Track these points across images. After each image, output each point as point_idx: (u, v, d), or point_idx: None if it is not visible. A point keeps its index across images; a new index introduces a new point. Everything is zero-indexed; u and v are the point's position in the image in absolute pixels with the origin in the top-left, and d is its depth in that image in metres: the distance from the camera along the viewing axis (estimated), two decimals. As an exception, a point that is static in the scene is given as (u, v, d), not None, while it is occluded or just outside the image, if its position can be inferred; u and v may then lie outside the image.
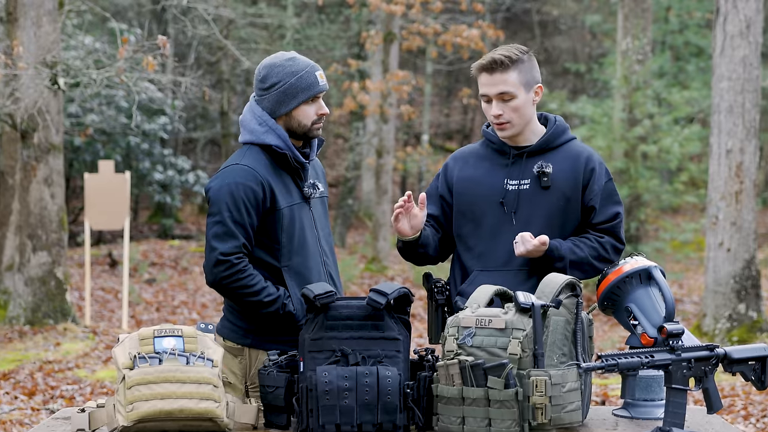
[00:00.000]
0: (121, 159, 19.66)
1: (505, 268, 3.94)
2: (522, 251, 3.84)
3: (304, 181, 4.07)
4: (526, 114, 3.99)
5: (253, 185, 3.92)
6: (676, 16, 23.65)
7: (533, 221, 3.94)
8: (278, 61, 4.02)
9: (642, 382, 3.76)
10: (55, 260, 11.68)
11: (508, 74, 3.92)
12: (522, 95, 3.95)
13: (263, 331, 3.99)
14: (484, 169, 4.04)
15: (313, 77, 4.00)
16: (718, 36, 10.82)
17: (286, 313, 3.93)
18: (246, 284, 3.89)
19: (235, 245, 3.88)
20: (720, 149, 10.81)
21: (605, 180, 4.02)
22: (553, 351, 3.43)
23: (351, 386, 3.48)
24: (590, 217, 3.99)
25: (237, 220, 3.90)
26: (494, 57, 3.94)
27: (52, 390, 8.97)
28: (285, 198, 3.99)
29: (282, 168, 4.02)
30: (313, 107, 4.03)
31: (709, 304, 10.86)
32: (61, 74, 10.79)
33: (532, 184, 3.97)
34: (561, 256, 3.88)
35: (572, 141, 4.07)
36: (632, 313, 3.68)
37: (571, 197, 3.97)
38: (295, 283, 3.97)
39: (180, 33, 22.42)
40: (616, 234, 4.01)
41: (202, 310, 14.38)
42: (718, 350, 3.59)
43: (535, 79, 3.99)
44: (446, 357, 3.46)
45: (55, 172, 11.67)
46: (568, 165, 3.99)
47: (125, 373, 3.41)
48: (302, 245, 4.01)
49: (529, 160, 4.00)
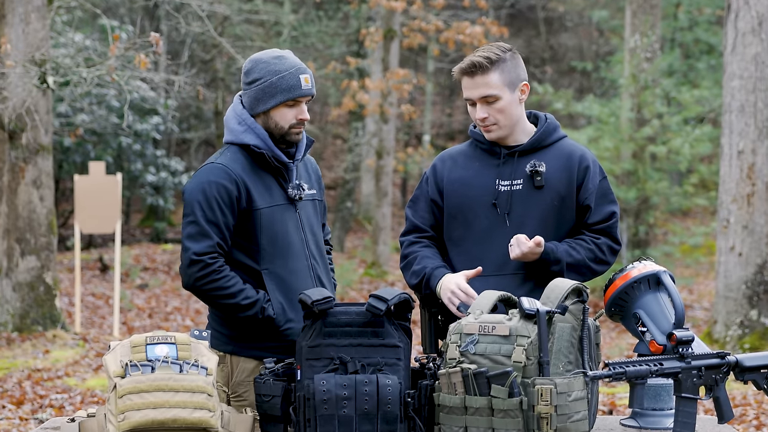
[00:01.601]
0: (112, 160, 19.67)
1: (500, 273, 3.93)
2: (518, 254, 3.84)
3: (288, 181, 4.04)
4: (513, 114, 3.98)
5: (225, 183, 3.91)
6: (685, 13, 23.66)
7: (527, 222, 3.94)
8: (265, 57, 4.02)
9: (651, 390, 3.76)
10: (44, 265, 11.69)
11: (488, 76, 3.91)
12: (506, 96, 3.94)
13: (244, 337, 3.97)
14: (474, 170, 4.03)
15: (295, 79, 3.97)
16: (730, 33, 10.83)
17: (266, 318, 3.91)
18: (221, 286, 3.87)
19: (209, 245, 3.87)
20: (731, 150, 10.81)
21: (600, 178, 4.02)
22: (558, 359, 3.43)
23: (350, 395, 3.48)
24: (585, 217, 3.99)
25: (210, 219, 3.89)
26: (473, 60, 3.92)
27: (41, 399, 8.96)
28: (264, 198, 3.97)
29: (262, 168, 4.01)
30: (293, 111, 4.00)
31: (720, 311, 10.86)
32: (50, 73, 10.79)
33: (525, 184, 3.96)
34: (557, 259, 3.88)
35: (564, 139, 4.08)
36: (640, 319, 3.68)
37: (566, 196, 3.97)
38: (275, 287, 3.95)
39: (173, 30, 22.41)
40: (612, 234, 4.01)
41: (196, 317, 14.38)
42: (729, 358, 3.59)
43: (519, 77, 3.98)
44: (448, 365, 3.46)
45: (44, 174, 11.68)
46: (562, 163, 3.99)
47: (116, 381, 3.41)
48: (285, 248, 3.99)
49: (520, 160, 3.99)
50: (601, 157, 15.16)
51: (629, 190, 15.29)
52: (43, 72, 10.69)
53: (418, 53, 26.87)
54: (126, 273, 17.39)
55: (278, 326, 3.92)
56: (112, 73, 10.89)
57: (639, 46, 15.97)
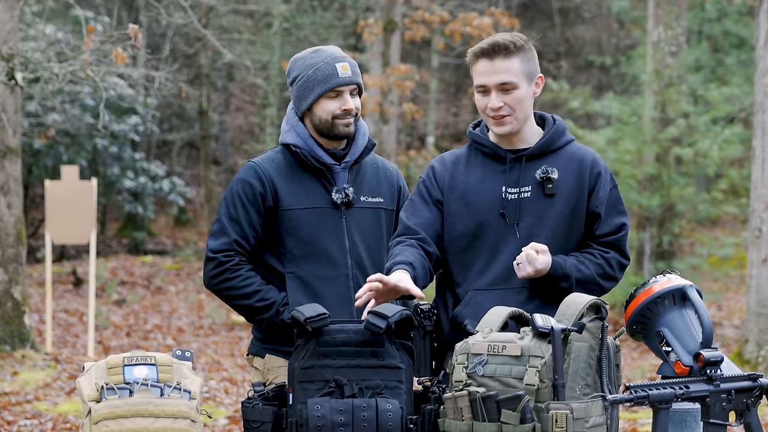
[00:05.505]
0: (86, 164, 19.68)
1: (505, 287, 3.92)
2: (530, 273, 3.82)
3: (333, 184, 4.15)
4: (527, 108, 3.99)
5: (251, 180, 4.11)
6: (714, 3, 23.69)
7: (538, 233, 3.94)
8: (303, 54, 4.21)
9: (676, 416, 3.76)
10: (11, 278, 11.68)
11: (511, 61, 3.92)
12: (524, 86, 3.95)
13: (269, 339, 4.14)
14: (478, 177, 4.02)
15: (331, 68, 4.12)
16: (762, 25, 10.83)
17: (282, 322, 4.02)
18: (235, 285, 4.04)
19: (225, 242, 4.06)
20: (764, 153, 10.82)
21: (611, 186, 4.04)
22: (575, 381, 3.43)
23: (346, 421, 3.48)
24: (594, 227, 4.00)
25: (232, 217, 4.10)
26: (497, 40, 3.92)
27: (9, 426, 8.96)
28: (298, 200, 4.10)
29: (305, 169, 4.15)
30: (336, 102, 4.14)
31: (751, 329, 10.86)
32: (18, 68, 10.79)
33: (534, 191, 3.96)
34: (566, 275, 3.88)
35: (572, 143, 4.09)
36: (665, 338, 3.68)
37: (576, 205, 3.98)
38: (299, 292, 4.06)
39: (153, 21, 22.44)
40: (621, 248, 4.02)
41: (178, 335, 14.37)
42: (761, 380, 3.59)
43: (537, 69, 4.01)
44: (454, 388, 3.46)
45: (12, 179, 11.67)
46: (573, 169, 4.00)
47: (91, 406, 3.41)
48: (316, 253, 4.09)
49: (528, 165, 3.99)
50: (621, 160, 15.17)
51: (652, 196, 15.29)
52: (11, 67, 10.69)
53: (421, 47, 26.91)
54: (102, 287, 17.39)
55: None
56: (86, 69, 10.89)
57: (663, 39, 15.99)
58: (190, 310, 16.38)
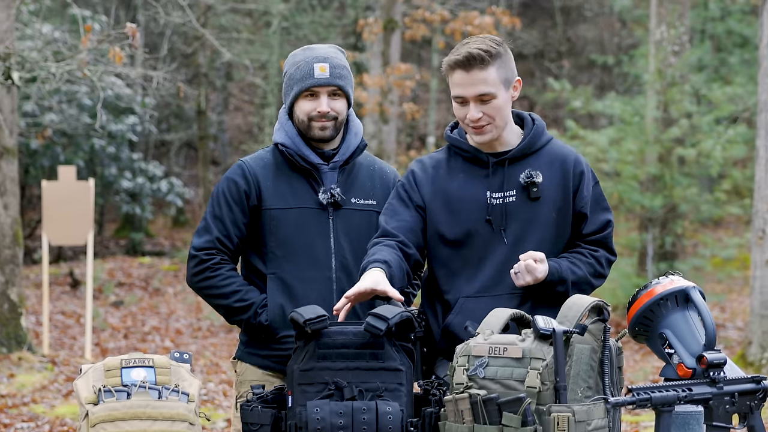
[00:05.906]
0: (83, 164, 19.67)
1: (496, 293, 3.91)
2: (529, 282, 3.82)
3: (320, 184, 4.13)
4: (506, 116, 3.97)
5: (237, 179, 4.11)
6: (717, 2, 23.69)
7: (526, 238, 3.93)
8: (297, 51, 4.19)
9: (679, 419, 3.76)
10: (8, 280, 11.68)
11: (487, 71, 3.87)
12: (502, 95, 3.91)
13: (249, 343, 4.15)
14: (460, 182, 3.99)
15: (308, 68, 4.09)
16: (765, 24, 10.84)
17: (259, 324, 4.03)
18: (215, 284, 4.06)
19: (207, 240, 4.08)
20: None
21: (593, 183, 4.05)
22: (576, 383, 3.43)
23: (346, 424, 3.48)
24: (580, 227, 4.00)
25: (216, 215, 4.11)
26: (470, 51, 3.86)
27: (6, 429, 8.96)
28: (283, 200, 4.08)
29: (293, 169, 4.14)
30: (312, 103, 4.11)
31: (755, 330, 10.86)
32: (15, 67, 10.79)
33: (519, 195, 3.95)
34: (563, 279, 3.89)
35: (552, 141, 4.08)
36: (667, 340, 3.68)
37: (562, 206, 3.98)
38: (279, 293, 4.05)
39: (151, 20, 22.46)
40: (609, 245, 4.04)
41: (176, 337, 14.37)
42: (765, 383, 3.59)
43: (514, 73, 3.96)
44: (455, 390, 3.46)
45: (8, 180, 11.68)
46: (556, 170, 3.99)
47: (89, 408, 3.41)
48: (299, 254, 4.07)
49: (511, 168, 3.97)
50: (624, 160, 15.18)
51: (655, 197, 15.29)
52: (8, 67, 10.70)
53: (421, 46, 26.91)
54: (99, 289, 17.39)
55: (275, 334, 4.02)
56: (83, 68, 10.89)
57: (666, 39, 15.99)
58: (188, 312, 16.37)
